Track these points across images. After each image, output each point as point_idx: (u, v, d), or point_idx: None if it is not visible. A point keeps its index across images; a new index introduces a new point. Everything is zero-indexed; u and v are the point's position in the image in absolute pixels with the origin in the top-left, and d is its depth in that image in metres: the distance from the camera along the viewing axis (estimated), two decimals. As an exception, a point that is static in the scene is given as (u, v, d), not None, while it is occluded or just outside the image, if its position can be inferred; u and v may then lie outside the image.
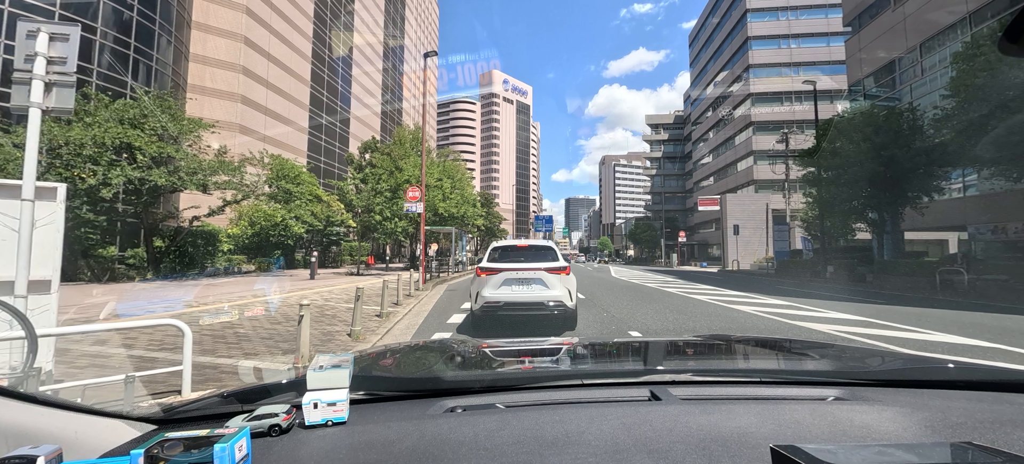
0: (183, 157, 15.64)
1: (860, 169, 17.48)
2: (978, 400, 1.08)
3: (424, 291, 14.91)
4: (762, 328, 8.08)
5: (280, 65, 40.27)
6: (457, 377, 1.37)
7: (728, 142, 57.38)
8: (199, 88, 33.52)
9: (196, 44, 33.45)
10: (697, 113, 69.53)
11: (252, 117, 36.36)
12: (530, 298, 6.93)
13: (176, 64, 30.75)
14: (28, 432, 0.81)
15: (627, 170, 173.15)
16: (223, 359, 5.25)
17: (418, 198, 17.43)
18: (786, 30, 52.91)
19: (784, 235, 36.63)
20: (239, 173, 18.53)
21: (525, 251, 7.61)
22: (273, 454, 0.82)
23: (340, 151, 48.87)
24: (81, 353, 5.23)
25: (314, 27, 46.11)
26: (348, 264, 31.42)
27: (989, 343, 6.56)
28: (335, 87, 50.53)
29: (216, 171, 16.94)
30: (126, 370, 3.29)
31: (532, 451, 0.79)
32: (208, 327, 7.10)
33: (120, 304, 10.02)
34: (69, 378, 4.10)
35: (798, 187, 41.29)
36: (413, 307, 11.13)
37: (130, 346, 5.66)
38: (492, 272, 7.12)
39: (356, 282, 17.87)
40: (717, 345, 2.01)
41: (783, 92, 51.86)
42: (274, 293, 12.21)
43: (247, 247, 27.03)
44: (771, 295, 13.74)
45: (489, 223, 56.16)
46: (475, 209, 37.82)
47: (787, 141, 36.18)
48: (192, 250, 20.30)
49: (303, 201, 21.82)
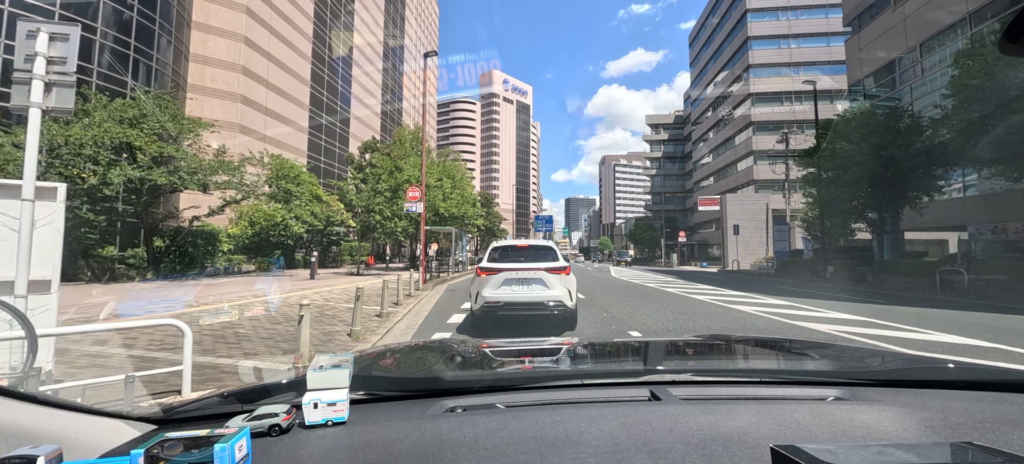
0: (183, 156, 15.64)
1: (860, 169, 17.47)
2: (978, 400, 1.08)
3: (424, 291, 14.92)
4: (762, 328, 8.08)
5: (280, 65, 40.27)
6: (457, 377, 1.37)
7: (728, 142, 57.40)
8: (199, 88, 33.52)
9: (196, 44, 33.44)
10: (697, 113, 69.55)
11: (252, 117, 36.36)
12: (530, 298, 6.93)
13: (176, 64, 30.75)
14: (28, 432, 0.81)
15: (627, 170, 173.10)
16: (223, 359, 5.25)
17: (418, 198, 17.44)
18: (786, 30, 52.94)
19: (784, 235, 36.63)
20: (239, 173, 18.53)
21: (525, 251, 7.61)
22: (273, 454, 0.82)
23: (340, 151, 48.88)
24: (81, 353, 5.22)
25: (314, 27, 46.11)
26: (348, 264, 31.42)
27: (989, 343, 6.56)
28: (335, 87, 50.54)
29: (216, 171, 16.93)
30: (126, 370, 3.29)
31: (532, 451, 0.79)
32: (208, 327, 7.09)
33: (120, 304, 10.00)
34: (69, 378, 4.10)
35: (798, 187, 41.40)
36: (413, 307, 11.14)
37: (130, 346, 5.65)
38: (492, 272, 7.10)
39: (356, 282, 17.88)
40: (717, 345, 2.02)
41: (783, 92, 51.89)
42: (274, 293, 12.22)
43: (247, 247, 27.03)
44: (771, 295, 13.75)
45: (489, 223, 56.17)
46: (475, 209, 37.83)
47: (787, 141, 36.19)
48: (192, 250, 20.30)
49: (303, 201, 21.79)
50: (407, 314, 9.92)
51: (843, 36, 52.10)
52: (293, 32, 42.37)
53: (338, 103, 51.02)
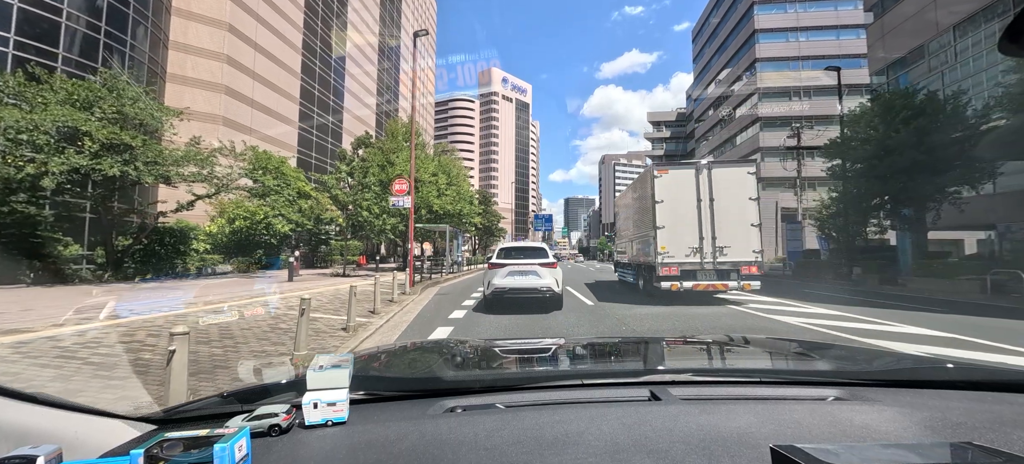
0: (140, 144, 13.78)
1: (900, 157, 15.62)
2: (978, 400, 1.07)
3: (410, 296, 13.11)
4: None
5: (268, 55, 38.38)
6: (457, 377, 1.37)
7: (733, 138, 55.88)
8: (180, 77, 31.66)
9: (176, 31, 31.55)
10: (701, 110, 67.95)
11: (237, 109, 34.49)
12: (527, 285, 9.03)
13: (153, 51, 28.85)
14: (28, 432, 0.81)
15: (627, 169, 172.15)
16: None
17: (405, 191, 15.62)
18: (794, 23, 51.49)
19: (796, 234, 34.86)
20: (209, 164, 16.69)
21: (524, 250, 10.06)
22: (273, 454, 0.82)
23: (333, 147, 47.02)
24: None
25: (305, 17, 44.22)
26: (337, 264, 29.63)
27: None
28: (328, 80, 48.65)
29: (180, 162, 15.06)
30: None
31: (532, 451, 0.79)
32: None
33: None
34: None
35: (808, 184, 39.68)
36: (393, 316, 9.34)
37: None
38: (500, 266, 9.41)
39: (339, 284, 16.12)
40: (717, 345, 1.95)
41: (791, 87, 50.44)
42: (224, 301, 10.41)
43: (227, 246, 25.20)
44: (805, 302, 11.92)
45: (487, 222, 54.37)
46: (472, 207, 36.03)
47: (798, 136, 34.59)
48: (160, 250, 18.45)
49: (283, 196, 19.90)
50: (381, 327, 8.12)
51: (854, 30, 50.89)
52: (282, 21, 40.49)
53: (330, 97, 49.14)
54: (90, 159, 13.21)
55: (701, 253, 10.45)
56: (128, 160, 13.99)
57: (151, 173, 14.01)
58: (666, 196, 10.65)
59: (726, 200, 10.47)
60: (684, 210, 10.58)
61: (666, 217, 10.58)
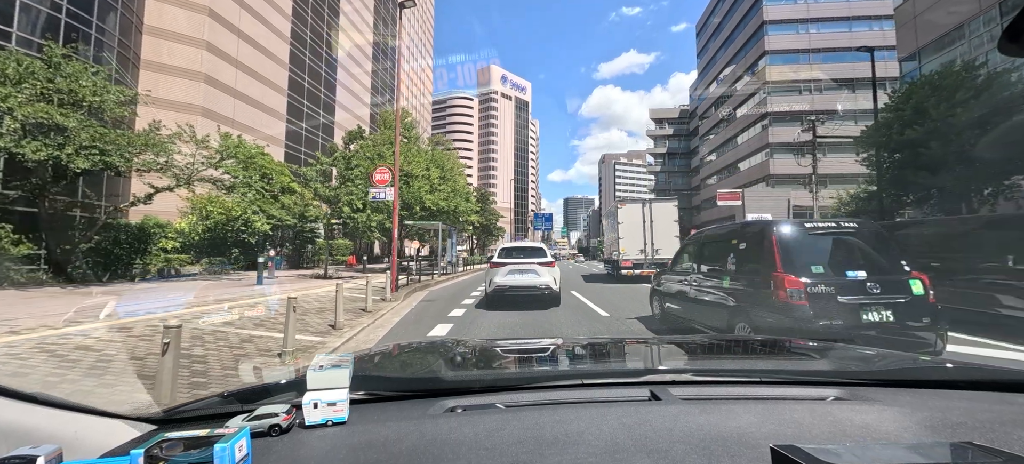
0: (75, 125, 11.69)
1: (958, 141, 13.58)
2: (978, 400, 1.06)
3: (390, 303, 11.02)
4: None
5: (253, 43, 36.25)
6: (457, 377, 1.36)
7: (741, 134, 53.89)
8: (156, 65, 29.55)
9: (151, 15, 29.43)
10: (705, 106, 65.93)
11: (218, 99, 32.37)
12: (527, 282, 9.61)
13: (124, 35, 26.74)
14: (28, 432, 0.81)
15: (627, 169, 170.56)
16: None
17: (388, 182, 13.54)
18: (804, 14, 49.54)
19: (812, 233, 32.87)
20: (166, 151, 14.59)
21: (524, 250, 10.51)
22: (273, 454, 0.82)
23: (324, 141, 44.89)
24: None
25: (294, 5, 42.10)
26: (320, 264, 27.53)
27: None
28: (318, 72, 46.53)
29: (125, 148, 12.96)
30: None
31: (532, 451, 0.79)
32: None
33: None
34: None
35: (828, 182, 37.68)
36: (359, 331, 7.28)
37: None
38: (501, 264, 9.94)
39: (312, 288, 14.12)
40: (717, 345, 1.98)
41: (801, 81, 48.50)
42: (159, 308, 8.38)
43: (199, 245, 23.10)
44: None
45: (485, 221, 52.28)
46: (469, 203, 33.96)
47: (814, 130, 32.57)
48: (116, 250, 16.35)
49: (254, 189, 17.78)
50: (341, 346, 6.07)
51: (866, 22, 48.93)
52: (268, 8, 38.37)
53: (322, 90, 47.02)
54: (10, 141, 11.12)
55: (645, 253, 16.94)
56: (61, 144, 11.91)
57: (87, 159, 11.93)
58: (625, 219, 17.46)
59: (660, 222, 17.09)
60: (635, 227, 17.15)
61: (625, 231, 17.23)
